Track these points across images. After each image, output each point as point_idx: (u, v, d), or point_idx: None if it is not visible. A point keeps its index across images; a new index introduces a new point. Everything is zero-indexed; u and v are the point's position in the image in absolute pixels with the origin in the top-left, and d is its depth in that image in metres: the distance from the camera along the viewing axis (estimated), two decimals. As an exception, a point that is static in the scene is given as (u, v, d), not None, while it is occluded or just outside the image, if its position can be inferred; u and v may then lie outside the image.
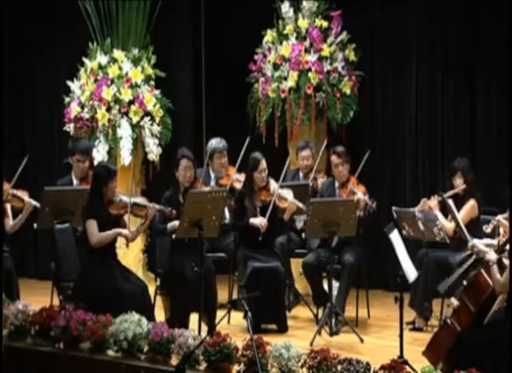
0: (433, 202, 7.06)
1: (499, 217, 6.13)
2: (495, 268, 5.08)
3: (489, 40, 8.24)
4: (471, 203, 7.04)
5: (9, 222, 6.91)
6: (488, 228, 6.11)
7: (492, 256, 5.13)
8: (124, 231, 6.34)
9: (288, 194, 7.14)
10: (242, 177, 7.51)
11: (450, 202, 6.82)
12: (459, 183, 7.09)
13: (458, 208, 6.96)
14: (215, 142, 8.00)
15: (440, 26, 8.54)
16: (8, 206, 6.88)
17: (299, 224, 7.96)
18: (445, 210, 6.99)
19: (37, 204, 6.88)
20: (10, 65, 9.46)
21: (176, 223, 6.52)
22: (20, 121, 10.01)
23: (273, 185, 7.15)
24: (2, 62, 7.84)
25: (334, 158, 7.37)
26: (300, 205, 7.03)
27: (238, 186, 7.64)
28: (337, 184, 7.45)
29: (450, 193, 7.02)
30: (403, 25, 8.70)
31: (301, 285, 8.09)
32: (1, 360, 5.66)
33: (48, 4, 9.51)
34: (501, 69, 8.06)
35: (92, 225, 6.24)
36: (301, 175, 8.17)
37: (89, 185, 6.66)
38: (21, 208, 6.91)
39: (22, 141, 10.00)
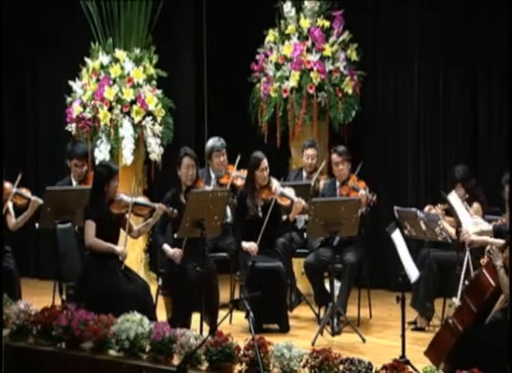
0: (438, 211, 7.04)
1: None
2: (502, 272, 5.07)
3: (491, 40, 8.23)
4: (474, 207, 7.02)
5: (12, 220, 6.92)
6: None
7: (498, 260, 5.12)
8: (118, 250, 6.30)
9: (290, 192, 7.15)
10: (242, 174, 7.51)
11: (450, 199, 6.80)
12: (461, 193, 7.07)
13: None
14: (213, 141, 8.02)
15: (441, 25, 8.53)
16: (10, 204, 6.88)
17: (301, 224, 7.96)
18: (451, 217, 6.97)
19: (41, 201, 6.89)
20: (12, 65, 9.47)
21: (169, 250, 6.59)
22: (22, 121, 10.01)
23: (275, 184, 7.16)
24: (2, 62, 7.82)
25: (334, 157, 7.38)
26: (305, 203, 7.05)
27: (239, 182, 7.65)
28: (338, 184, 7.45)
29: None
30: (405, 24, 8.70)
31: (303, 285, 8.08)
32: (2, 360, 5.65)
33: (50, 4, 9.51)
34: (503, 69, 8.05)
35: (90, 226, 6.24)
36: (304, 174, 8.18)
37: (89, 186, 6.65)
38: (24, 206, 6.92)
39: (24, 140, 10.00)
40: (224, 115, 9.19)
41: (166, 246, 6.72)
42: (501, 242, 5.35)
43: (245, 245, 7.05)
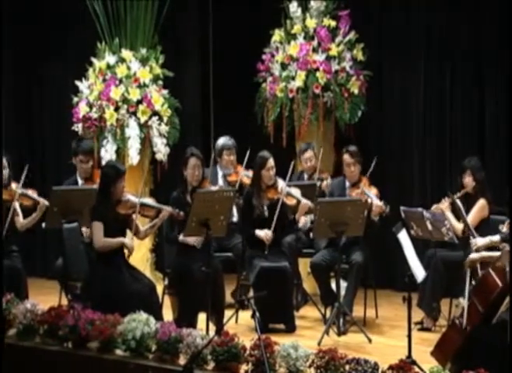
0: (445, 204, 7.04)
1: None
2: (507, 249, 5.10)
3: (498, 39, 8.23)
4: (481, 203, 7.02)
5: (20, 220, 6.93)
6: (504, 227, 6.07)
7: (507, 262, 5.13)
8: (128, 242, 6.32)
9: (296, 192, 7.15)
10: (251, 173, 7.53)
11: (459, 202, 6.82)
12: (468, 182, 7.08)
13: (469, 208, 6.96)
14: (225, 139, 8.09)
15: (448, 25, 8.53)
16: (16, 204, 6.89)
17: (308, 224, 7.95)
18: (456, 211, 6.98)
19: (47, 203, 6.91)
20: (18, 65, 9.47)
21: (187, 238, 6.58)
22: (29, 121, 10.03)
23: (280, 183, 7.16)
24: (2, 62, 7.82)
25: (346, 157, 7.35)
26: (311, 204, 7.05)
27: (248, 181, 7.67)
28: (348, 184, 7.43)
29: (461, 193, 7.02)
30: (411, 24, 8.70)
31: (309, 285, 8.08)
32: (1, 360, 5.65)
33: (56, 3, 9.53)
34: (509, 69, 8.04)
35: (98, 228, 6.24)
36: (306, 176, 8.19)
37: (95, 184, 6.65)
38: (30, 207, 6.93)
39: (30, 140, 10.02)
40: (230, 115, 9.19)
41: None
42: (497, 254, 5.36)
43: (260, 233, 7.03)
